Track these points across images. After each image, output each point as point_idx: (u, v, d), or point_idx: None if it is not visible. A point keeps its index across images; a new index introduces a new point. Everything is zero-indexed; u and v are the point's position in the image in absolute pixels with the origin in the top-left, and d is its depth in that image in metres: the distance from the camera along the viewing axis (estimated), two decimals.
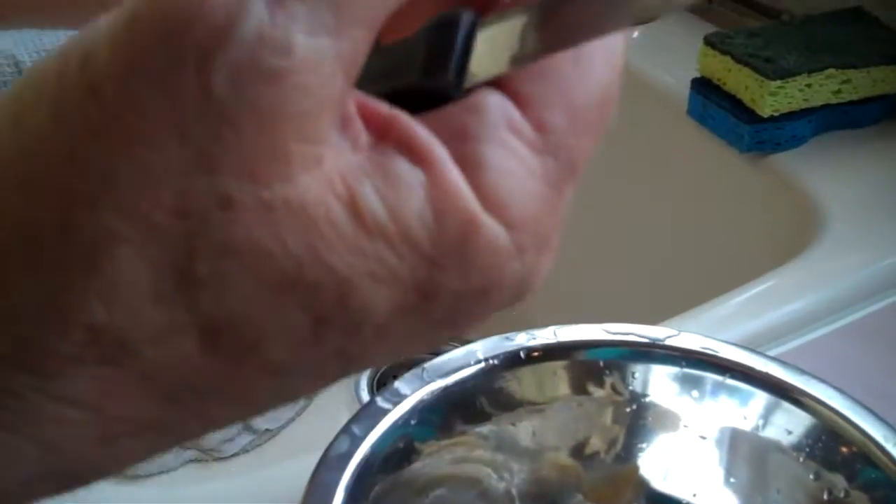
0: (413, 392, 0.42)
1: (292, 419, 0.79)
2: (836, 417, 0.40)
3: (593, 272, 0.86)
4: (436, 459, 0.44)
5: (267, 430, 0.77)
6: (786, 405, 0.41)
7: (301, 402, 0.80)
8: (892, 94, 0.71)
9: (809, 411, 0.41)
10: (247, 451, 0.76)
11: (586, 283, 0.86)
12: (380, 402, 0.42)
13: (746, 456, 0.43)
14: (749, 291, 0.58)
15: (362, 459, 0.40)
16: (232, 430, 0.76)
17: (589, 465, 0.44)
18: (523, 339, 0.45)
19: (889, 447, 0.38)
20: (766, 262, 0.61)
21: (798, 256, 0.61)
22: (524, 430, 0.45)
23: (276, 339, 0.18)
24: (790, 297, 0.58)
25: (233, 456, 0.75)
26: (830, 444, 0.40)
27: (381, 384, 0.85)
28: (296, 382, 0.20)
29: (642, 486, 0.44)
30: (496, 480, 0.46)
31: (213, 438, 0.75)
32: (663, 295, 0.73)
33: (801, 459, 0.41)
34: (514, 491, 0.46)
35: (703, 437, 0.43)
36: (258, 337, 0.18)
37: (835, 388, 0.41)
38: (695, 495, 0.44)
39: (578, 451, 0.44)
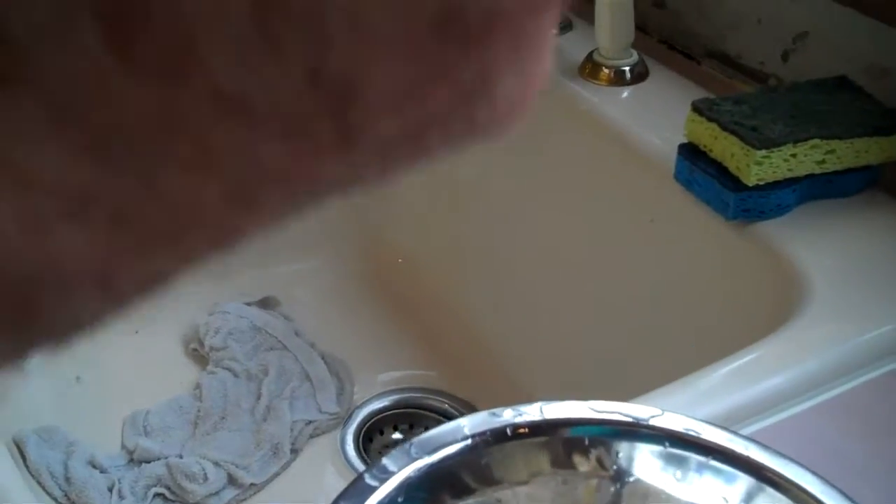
0: (400, 469, 0.43)
1: (277, 473, 0.79)
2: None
3: (577, 339, 0.87)
4: None
5: (252, 484, 0.78)
6: (767, 489, 0.42)
7: (286, 457, 0.80)
8: (874, 165, 0.73)
9: (790, 496, 0.41)
10: None
11: (570, 351, 0.87)
12: (367, 479, 0.42)
13: None
14: (732, 364, 0.59)
15: None
16: (217, 484, 0.76)
17: None
18: (510, 416, 0.46)
19: None
20: (749, 332, 0.62)
21: (781, 328, 0.62)
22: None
23: (212, 35, 0.12)
24: (773, 370, 0.58)
25: None
26: None
27: (367, 439, 0.85)
28: (270, 148, 0.13)
29: None
30: None
31: (198, 493, 0.75)
32: (648, 363, 0.74)
33: None
34: None
35: None
36: (186, 32, 0.12)
37: (813, 472, 0.42)
38: None
39: None
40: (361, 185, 0.15)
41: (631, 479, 0.45)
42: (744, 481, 0.42)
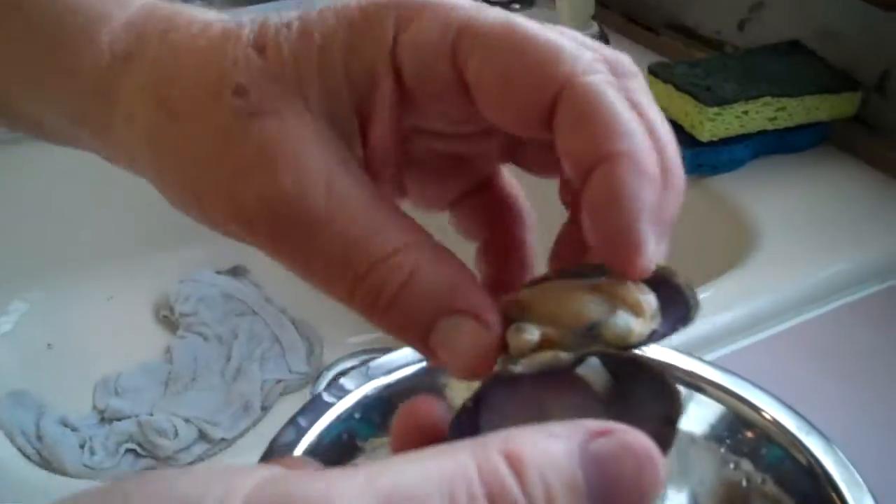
0: (357, 388, 0.45)
1: (248, 429, 0.81)
2: (743, 406, 0.42)
3: None
4: (379, 455, 0.46)
5: (223, 439, 0.79)
6: (699, 397, 0.44)
7: (256, 414, 0.82)
8: (824, 122, 0.75)
9: (720, 401, 0.43)
10: (202, 459, 0.78)
11: None
12: (325, 396, 0.44)
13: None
14: None
15: (307, 449, 0.42)
16: (187, 439, 0.77)
17: None
18: None
19: (794, 431, 0.41)
20: (704, 275, 0.64)
21: (733, 270, 0.64)
22: None
23: None
24: (725, 307, 0.61)
25: (188, 465, 0.77)
26: (740, 431, 0.43)
27: None
28: None
29: None
30: None
31: (168, 448, 0.77)
32: None
33: (721, 450, 0.44)
34: None
35: None
36: None
37: (739, 376, 0.44)
38: None
39: None
40: None
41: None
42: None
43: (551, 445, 0.20)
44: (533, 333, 0.27)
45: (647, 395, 0.27)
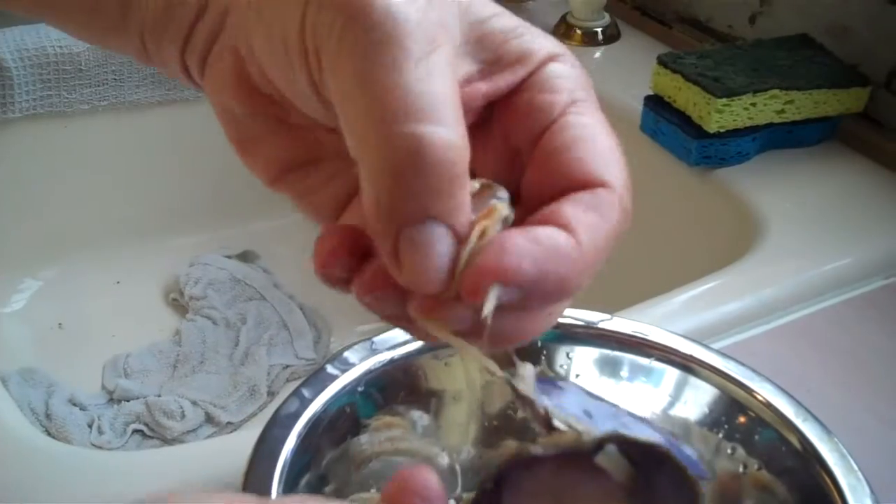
0: (361, 361, 0.45)
1: (254, 414, 0.82)
2: (737, 388, 0.43)
3: None
4: (380, 434, 0.46)
5: (229, 423, 0.80)
6: (693, 380, 0.44)
7: (263, 399, 0.82)
8: (833, 116, 0.75)
9: (715, 385, 0.44)
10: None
11: None
12: (329, 368, 0.45)
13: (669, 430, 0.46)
14: (691, 291, 0.61)
15: (310, 419, 0.42)
16: (194, 421, 0.78)
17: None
18: None
19: (784, 412, 0.41)
20: (709, 266, 0.64)
21: (738, 262, 0.64)
22: (465, 401, 0.48)
23: None
24: (729, 297, 0.61)
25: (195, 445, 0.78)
26: (736, 415, 0.43)
27: None
28: None
29: None
30: (440, 456, 0.48)
31: (175, 429, 0.78)
32: (616, 292, 0.76)
33: (719, 435, 0.44)
34: (457, 467, 0.48)
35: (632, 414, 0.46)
36: None
37: (737, 361, 0.44)
38: None
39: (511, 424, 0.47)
40: None
41: (577, 379, 0.47)
42: (673, 376, 0.45)
43: None
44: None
45: (668, 485, 0.27)
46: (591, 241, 0.27)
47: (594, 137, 0.29)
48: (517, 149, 0.30)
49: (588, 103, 0.29)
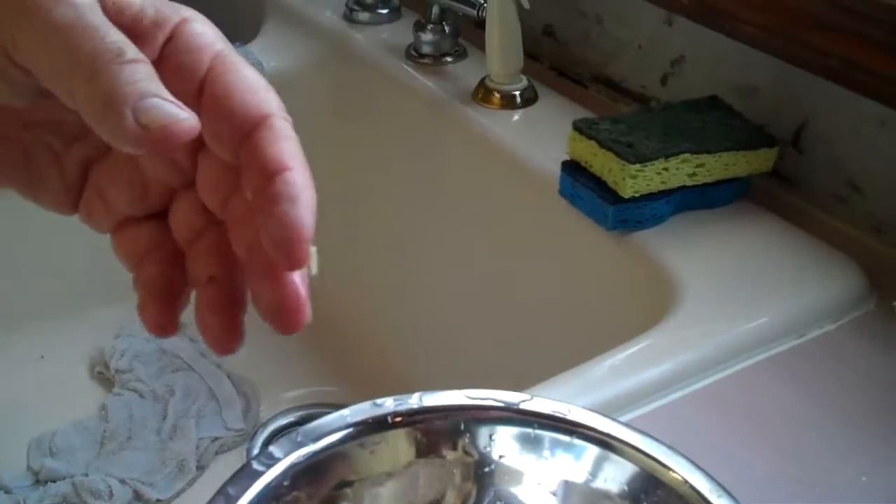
0: (286, 455, 0.46)
1: (183, 489, 0.81)
2: (655, 464, 0.44)
3: (479, 349, 0.90)
4: None
5: (158, 500, 0.79)
6: (613, 457, 0.46)
7: (192, 473, 0.82)
8: (742, 177, 0.78)
9: (633, 461, 0.45)
10: None
11: (473, 361, 0.90)
12: (254, 465, 0.45)
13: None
14: (610, 359, 0.63)
15: None
16: (122, 500, 0.77)
17: None
18: (391, 405, 0.49)
19: (700, 488, 0.43)
20: (629, 330, 0.66)
21: (655, 327, 0.66)
22: (391, 489, 0.49)
23: None
24: (648, 363, 0.63)
25: None
26: (654, 491, 0.44)
27: None
28: None
29: None
30: None
31: None
32: (532, 363, 0.77)
33: None
34: None
35: (552, 492, 0.48)
36: None
37: (657, 440, 0.46)
38: None
39: None
40: None
41: (499, 459, 0.48)
42: (592, 452, 0.46)
43: None
44: None
45: None
46: (302, 163, 0.34)
47: (246, 78, 0.34)
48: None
49: (228, 50, 0.35)
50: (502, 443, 0.49)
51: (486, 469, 0.48)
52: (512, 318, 0.87)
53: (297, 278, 0.35)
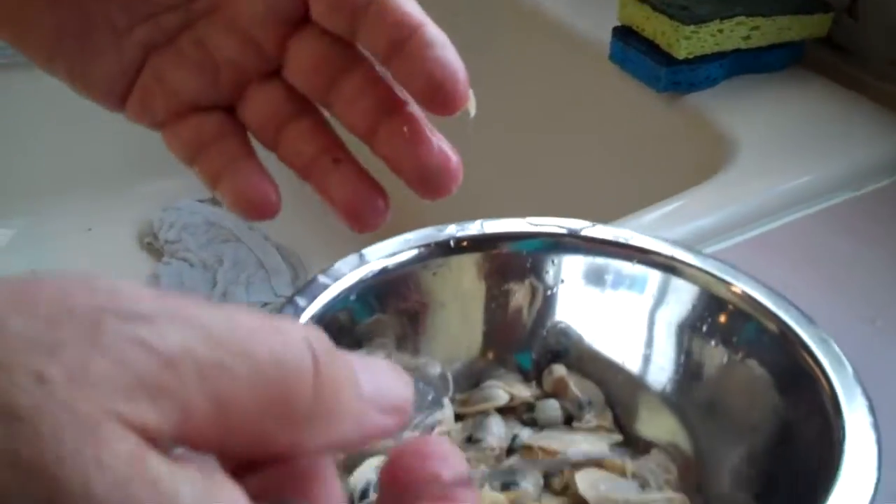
0: (352, 271, 0.46)
1: None
2: (719, 284, 0.45)
3: (538, 198, 0.90)
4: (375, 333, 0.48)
5: None
6: (675, 281, 0.46)
7: None
8: (797, 42, 0.77)
9: (697, 282, 0.46)
10: None
11: (514, 212, 0.90)
12: (321, 278, 0.46)
13: (655, 330, 0.47)
14: (664, 208, 0.63)
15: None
16: None
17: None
18: (453, 230, 0.49)
19: (770, 305, 0.43)
20: (679, 186, 0.66)
21: (708, 181, 0.66)
22: (452, 314, 0.49)
23: None
24: (701, 213, 0.63)
25: None
26: (715, 312, 0.45)
27: None
28: None
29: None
30: (429, 365, 0.50)
31: None
32: (589, 211, 0.78)
33: (703, 328, 0.46)
34: (448, 374, 0.50)
35: (614, 320, 0.48)
36: None
37: (716, 259, 0.46)
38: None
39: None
40: None
41: (563, 285, 0.49)
42: (655, 278, 0.47)
43: None
44: None
45: None
46: None
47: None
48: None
49: None
50: (566, 270, 0.49)
51: (549, 293, 0.49)
52: (572, 173, 0.87)
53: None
